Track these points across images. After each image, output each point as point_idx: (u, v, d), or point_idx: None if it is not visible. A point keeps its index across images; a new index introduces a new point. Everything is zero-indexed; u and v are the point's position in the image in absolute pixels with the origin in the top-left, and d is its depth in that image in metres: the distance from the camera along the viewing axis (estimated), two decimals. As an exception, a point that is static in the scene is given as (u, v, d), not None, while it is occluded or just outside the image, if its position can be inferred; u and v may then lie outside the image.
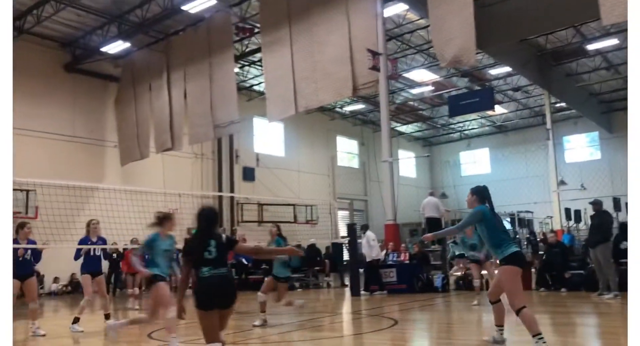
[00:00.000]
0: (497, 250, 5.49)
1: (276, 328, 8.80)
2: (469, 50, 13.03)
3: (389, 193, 15.21)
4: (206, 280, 4.44)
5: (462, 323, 8.74)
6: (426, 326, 8.77)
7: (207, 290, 4.44)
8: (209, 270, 4.46)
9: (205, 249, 4.51)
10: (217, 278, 4.46)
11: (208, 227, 4.67)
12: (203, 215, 4.73)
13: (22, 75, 19.26)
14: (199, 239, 4.61)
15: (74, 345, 7.80)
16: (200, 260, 4.50)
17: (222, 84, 17.94)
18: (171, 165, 22.08)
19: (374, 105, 28.52)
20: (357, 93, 15.98)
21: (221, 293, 4.46)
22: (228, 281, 4.58)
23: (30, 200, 17.92)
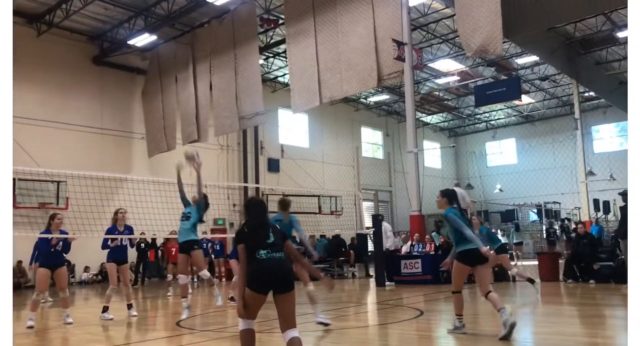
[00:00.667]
0: (456, 246, 6.43)
1: (301, 317, 8.88)
2: (495, 39, 12.87)
3: (414, 184, 15.15)
4: (263, 263, 4.31)
5: (488, 314, 8.70)
6: (452, 317, 8.74)
7: (262, 272, 4.31)
8: (267, 253, 4.33)
9: (265, 234, 4.44)
10: (276, 262, 4.34)
11: (263, 213, 4.66)
12: (252, 204, 4.73)
13: (51, 68, 19.71)
14: (256, 224, 4.54)
15: (103, 333, 7.98)
16: (259, 243, 4.39)
17: (247, 75, 18.04)
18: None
19: (399, 96, 28.38)
20: (382, 84, 15.92)
21: (278, 277, 4.31)
22: (285, 265, 4.43)
23: (61, 191, 18.30)
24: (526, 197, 28.93)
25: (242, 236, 4.51)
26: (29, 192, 18.00)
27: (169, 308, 11.29)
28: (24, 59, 18.87)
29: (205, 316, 9.34)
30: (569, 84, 26.62)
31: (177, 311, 9.98)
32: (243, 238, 4.48)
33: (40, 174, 17.32)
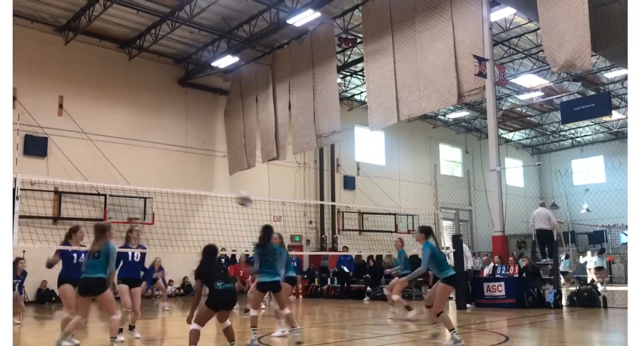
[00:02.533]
0: (440, 272, 7.41)
1: (378, 339, 8.76)
2: (583, 53, 12.32)
3: (497, 203, 14.67)
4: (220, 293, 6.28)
5: (576, 341, 8.23)
6: (538, 344, 8.35)
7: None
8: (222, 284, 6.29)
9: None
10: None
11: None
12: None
13: (140, 90, 20.83)
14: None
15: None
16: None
17: (325, 94, 18.24)
18: (276, 174, 22.74)
19: (479, 112, 27.77)
20: (463, 101, 15.60)
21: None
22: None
23: (147, 207, 19.14)
24: (615, 218, 27.31)
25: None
26: (119, 207, 18.97)
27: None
28: (115, 81, 20.08)
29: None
30: (664, 98, 25.04)
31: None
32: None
33: (129, 191, 18.21)
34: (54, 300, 17.69)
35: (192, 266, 12.42)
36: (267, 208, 19.68)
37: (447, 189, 29.86)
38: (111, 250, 6.92)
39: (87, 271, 6.78)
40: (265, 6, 17.57)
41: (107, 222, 7.45)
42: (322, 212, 25.27)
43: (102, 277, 6.77)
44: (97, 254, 6.82)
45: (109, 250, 6.87)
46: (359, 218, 25.60)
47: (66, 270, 7.70)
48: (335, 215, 25.40)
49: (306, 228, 24.49)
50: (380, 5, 16.60)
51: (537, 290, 13.41)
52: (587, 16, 12.21)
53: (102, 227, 7.12)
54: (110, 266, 6.87)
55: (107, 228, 7.10)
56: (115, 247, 7.18)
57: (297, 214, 23.52)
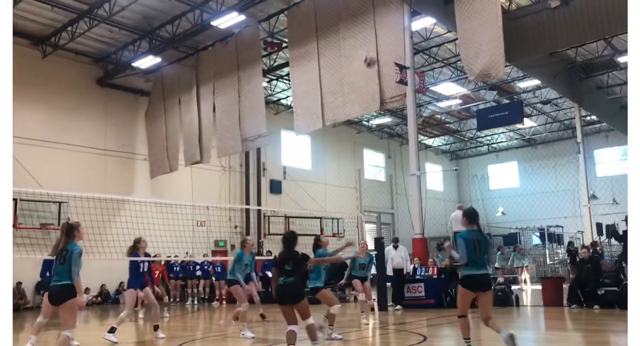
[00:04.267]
0: (462, 270, 6.61)
1: (301, 342, 8.77)
2: (498, 64, 12.94)
3: (417, 206, 15.10)
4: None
5: (493, 339, 8.58)
6: (455, 343, 8.64)
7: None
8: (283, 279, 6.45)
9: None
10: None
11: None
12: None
13: (56, 89, 19.86)
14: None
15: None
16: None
17: (250, 97, 18.14)
18: (200, 177, 22.34)
19: (401, 119, 28.49)
20: (385, 107, 15.96)
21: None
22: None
23: (62, 212, 18.27)
24: (529, 221, 28.82)
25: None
26: (30, 212, 17.98)
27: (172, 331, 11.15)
28: (28, 80, 19.04)
29: (205, 341, 9.23)
30: (571, 107, 26.70)
31: (178, 335, 9.87)
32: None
33: (42, 195, 17.30)
34: None
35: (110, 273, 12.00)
36: (191, 213, 19.40)
37: (371, 193, 30.54)
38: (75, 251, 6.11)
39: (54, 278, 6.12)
40: (189, 7, 17.25)
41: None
42: (248, 217, 25.06)
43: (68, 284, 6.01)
44: (62, 259, 6.08)
45: (72, 251, 6.09)
46: (285, 222, 25.58)
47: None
48: (261, 219, 25.27)
49: (231, 233, 24.19)
50: (306, 11, 16.71)
51: (455, 290, 13.89)
52: (501, 28, 12.84)
53: (70, 226, 6.40)
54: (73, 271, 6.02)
55: (75, 227, 6.39)
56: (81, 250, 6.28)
57: (222, 219, 23.22)
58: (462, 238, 6.41)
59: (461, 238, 6.41)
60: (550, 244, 27.68)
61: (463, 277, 6.46)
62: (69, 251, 6.09)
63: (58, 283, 6.02)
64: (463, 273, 6.46)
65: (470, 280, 6.37)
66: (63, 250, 6.12)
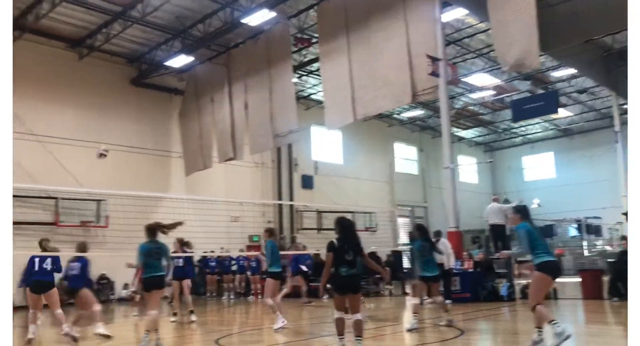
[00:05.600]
0: (534, 257, 6.46)
1: (334, 336, 8.82)
2: (532, 53, 12.70)
3: (451, 200, 14.98)
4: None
5: (529, 333, 8.49)
6: (492, 337, 8.58)
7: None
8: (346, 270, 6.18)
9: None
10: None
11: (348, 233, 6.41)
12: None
13: (92, 90, 20.30)
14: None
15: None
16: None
17: (281, 94, 18.22)
18: (233, 174, 22.58)
19: (433, 111, 28.22)
20: (417, 100, 15.85)
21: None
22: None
23: (101, 210, 18.71)
24: (565, 212, 28.27)
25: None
26: (71, 211, 18.47)
27: (208, 325, 11.34)
28: (65, 81, 19.53)
29: (242, 335, 9.36)
30: (608, 96, 26.05)
31: (215, 329, 10.05)
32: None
33: (81, 193, 17.76)
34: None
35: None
36: (225, 209, 19.62)
37: (403, 187, 30.37)
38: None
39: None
40: (220, 5, 17.42)
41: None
42: (281, 212, 25.24)
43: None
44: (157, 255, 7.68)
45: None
46: (317, 217, 25.67)
47: None
48: (293, 214, 25.41)
49: (265, 228, 24.35)
50: (336, 6, 16.69)
51: (491, 283, 13.77)
52: (535, 17, 12.58)
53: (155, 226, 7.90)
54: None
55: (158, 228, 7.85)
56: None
57: (256, 214, 23.42)
58: (523, 229, 6.47)
59: (523, 229, 6.48)
60: (587, 236, 27.12)
61: (541, 263, 6.32)
62: (163, 248, 7.78)
63: (156, 274, 7.65)
64: (540, 260, 6.32)
65: (549, 266, 6.33)
66: (157, 248, 7.70)
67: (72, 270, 8.78)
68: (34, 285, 8.55)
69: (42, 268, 8.49)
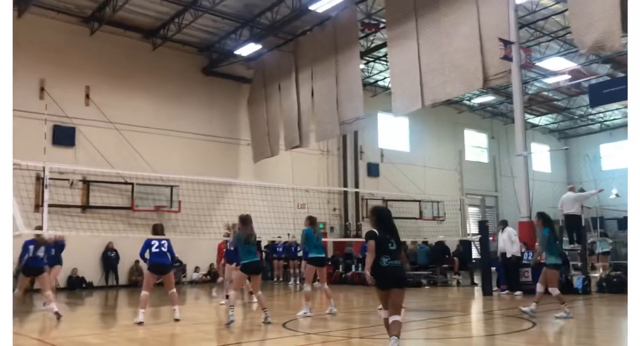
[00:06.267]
0: (547, 258, 9.02)
1: (403, 324, 8.76)
2: (613, 34, 11.97)
3: (524, 188, 14.48)
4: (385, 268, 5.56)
5: (605, 328, 8.13)
6: (566, 330, 8.25)
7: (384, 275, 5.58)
8: (388, 261, 5.56)
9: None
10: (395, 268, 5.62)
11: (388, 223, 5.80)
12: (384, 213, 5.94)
13: (165, 79, 20.97)
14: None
15: (214, 332, 8.28)
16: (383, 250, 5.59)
17: (347, 81, 18.14)
18: (299, 161, 22.78)
19: (505, 97, 27.36)
20: (488, 85, 15.36)
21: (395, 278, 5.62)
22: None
23: (174, 195, 19.36)
24: (647, 204, 26.71)
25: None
26: (146, 195, 19.23)
27: (275, 309, 11.54)
28: (141, 71, 20.27)
29: (312, 319, 9.46)
30: (698, 79, 24.32)
31: (282, 313, 10.20)
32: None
33: (155, 179, 18.43)
34: (85, 287, 18.09)
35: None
36: (292, 196, 19.83)
37: (473, 175, 29.56)
38: None
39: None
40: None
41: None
42: (346, 199, 25.27)
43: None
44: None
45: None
46: (383, 205, 25.52)
47: None
48: (359, 202, 25.38)
49: (330, 216, 24.52)
50: (404, -11, 16.38)
51: (565, 276, 13.24)
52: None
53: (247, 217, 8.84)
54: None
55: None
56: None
57: (321, 201, 23.54)
58: (547, 232, 8.94)
59: (547, 232, 8.93)
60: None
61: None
62: (254, 236, 8.67)
63: (254, 260, 8.67)
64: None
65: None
66: (251, 236, 8.59)
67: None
68: (154, 267, 8.94)
69: (161, 251, 8.97)
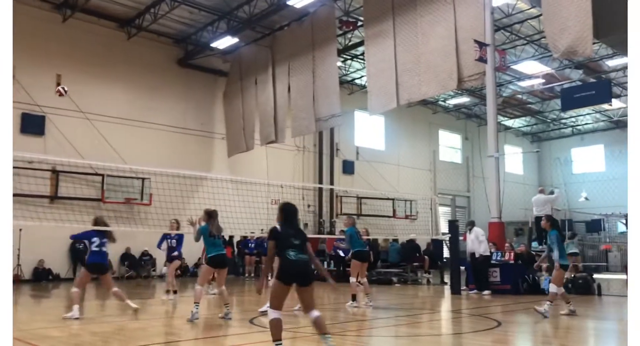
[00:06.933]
0: (559, 259, 9.23)
1: (372, 321, 8.80)
2: (585, 40, 12.19)
3: (494, 190, 14.66)
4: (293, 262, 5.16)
5: (570, 328, 8.26)
6: (531, 330, 8.38)
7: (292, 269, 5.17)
8: (295, 254, 5.18)
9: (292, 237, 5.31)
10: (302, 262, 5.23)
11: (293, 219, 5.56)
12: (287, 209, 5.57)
13: (139, 70, 20.67)
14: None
15: (179, 327, 8.20)
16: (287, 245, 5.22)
17: (324, 77, 18.13)
18: (274, 157, 22.70)
19: (479, 98, 27.65)
20: (462, 86, 15.51)
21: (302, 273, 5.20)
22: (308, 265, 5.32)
23: (145, 188, 19.12)
24: (614, 207, 27.34)
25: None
26: (115, 187, 18.95)
27: (243, 305, 11.49)
28: (114, 61, 19.93)
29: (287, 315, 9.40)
30: (666, 87, 24.91)
31: (251, 309, 10.15)
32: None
33: (126, 171, 18.18)
34: (51, 279, 17.76)
35: (190, 248, 12.41)
36: (266, 191, 19.75)
37: (446, 175, 29.91)
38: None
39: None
40: (266, -13, 17.39)
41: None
42: (321, 196, 25.29)
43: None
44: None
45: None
46: (357, 203, 25.62)
47: None
48: (333, 199, 25.42)
49: (304, 212, 24.49)
50: (382, -12, 16.41)
51: (532, 276, 13.46)
52: (590, 2, 12.06)
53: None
54: None
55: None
56: None
57: (296, 198, 23.50)
58: (555, 234, 9.20)
59: (555, 234, 9.20)
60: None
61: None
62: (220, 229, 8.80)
63: (220, 253, 8.74)
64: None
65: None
66: (220, 229, 8.84)
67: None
68: (91, 267, 9.05)
69: (101, 250, 9.08)
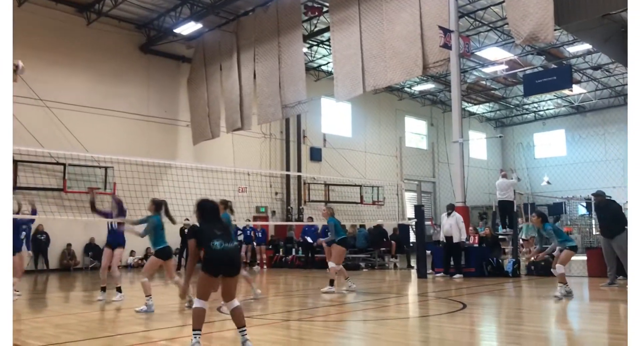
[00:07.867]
0: (566, 243, 9.36)
1: (340, 306, 8.86)
2: (546, 27, 12.40)
3: (459, 175, 14.85)
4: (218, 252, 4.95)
5: (532, 309, 8.47)
6: (495, 311, 8.56)
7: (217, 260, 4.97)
8: (220, 244, 4.95)
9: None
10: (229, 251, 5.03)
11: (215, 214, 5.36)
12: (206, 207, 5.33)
13: (100, 56, 20.16)
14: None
15: (143, 316, 8.11)
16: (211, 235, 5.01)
17: (290, 64, 18.01)
18: (241, 144, 22.52)
19: (444, 85, 27.91)
20: (427, 72, 15.61)
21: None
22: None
23: (108, 176, 18.75)
24: (575, 190, 28.07)
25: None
26: (77, 176, 18.53)
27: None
28: (73, 46, 19.39)
29: (246, 303, 9.39)
30: (624, 73, 25.60)
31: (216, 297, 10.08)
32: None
33: (88, 159, 17.79)
34: (12, 271, 17.31)
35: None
36: (232, 179, 19.62)
37: (412, 161, 30.21)
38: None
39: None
40: (230, -29, 17.11)
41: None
42: (288, 183, 25.25)
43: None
44: None
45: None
46: (325, 190, 25.68)
47: None
48: (301, 186, 25.41)
49: (272, 199, 24.45)
50: (347, -27, 16.34)
51: (496, 259, 13.73)
52: (551, -11, 12.25)
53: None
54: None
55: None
56: None
57: (263, 185, 23.44)
58: (550, 227, 9.39)
59: (550, 228, 9.38)
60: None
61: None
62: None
63: (167, 245, 8.76)
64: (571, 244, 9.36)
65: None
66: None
67: None
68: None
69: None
